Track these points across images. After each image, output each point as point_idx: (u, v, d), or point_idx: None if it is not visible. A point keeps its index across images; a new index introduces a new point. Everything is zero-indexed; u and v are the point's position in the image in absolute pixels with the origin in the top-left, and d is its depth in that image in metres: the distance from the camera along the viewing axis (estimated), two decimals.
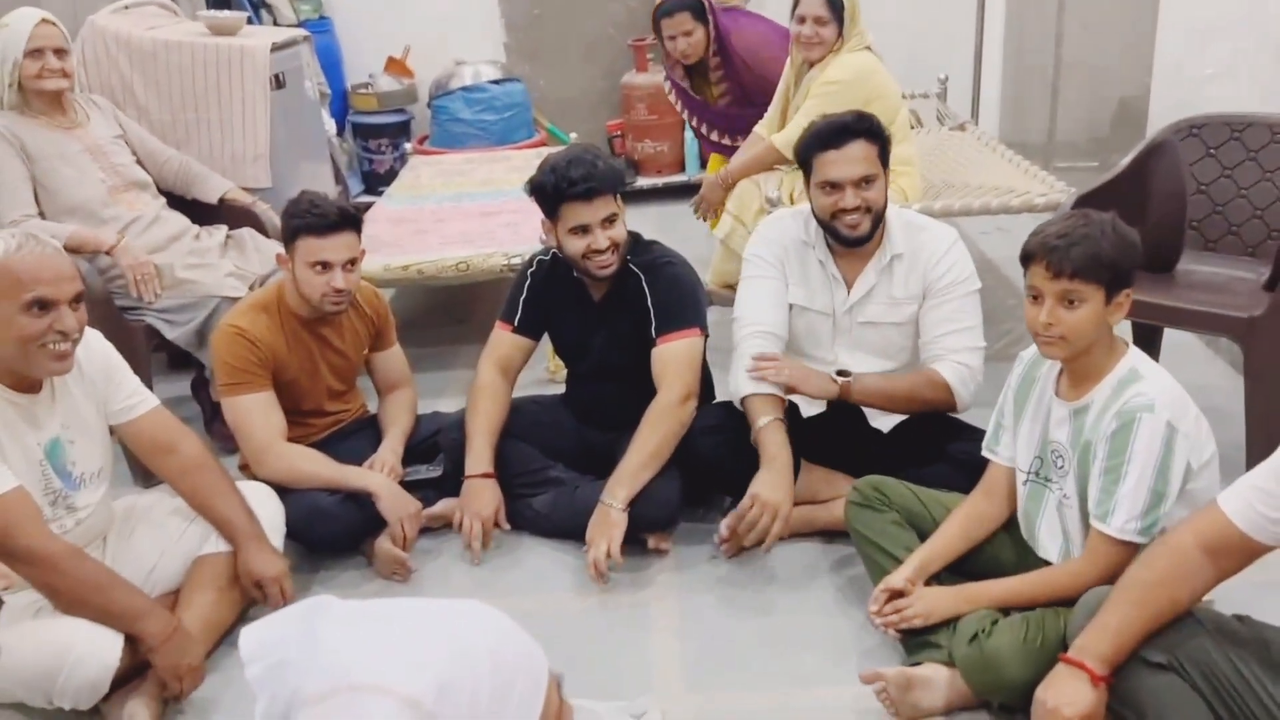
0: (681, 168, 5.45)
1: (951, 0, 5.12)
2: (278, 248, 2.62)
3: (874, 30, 3.31)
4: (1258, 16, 2.95)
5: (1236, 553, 1.56)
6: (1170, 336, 2.95)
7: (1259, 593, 1.83)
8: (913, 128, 4.08)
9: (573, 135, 4.96)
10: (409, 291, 4.04)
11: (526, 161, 4.29)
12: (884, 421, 2.47)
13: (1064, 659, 1.62)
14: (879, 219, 2.34)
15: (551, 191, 2.39)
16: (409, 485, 2.55)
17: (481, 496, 2.43)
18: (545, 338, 2.70)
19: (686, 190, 5.34)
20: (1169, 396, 1.78)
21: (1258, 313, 2.38)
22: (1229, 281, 2.69)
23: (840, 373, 2.37)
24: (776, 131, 3.39)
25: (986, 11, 5.03)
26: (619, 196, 2.44)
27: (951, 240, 2.39)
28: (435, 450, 2.66)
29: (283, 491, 2.37)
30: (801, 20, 3.22)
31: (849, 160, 2.28)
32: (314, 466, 2.44)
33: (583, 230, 2.39)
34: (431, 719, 0.94)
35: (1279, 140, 2.69)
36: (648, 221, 4.82)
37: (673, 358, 2.43)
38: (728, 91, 3.75)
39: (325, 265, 2.40)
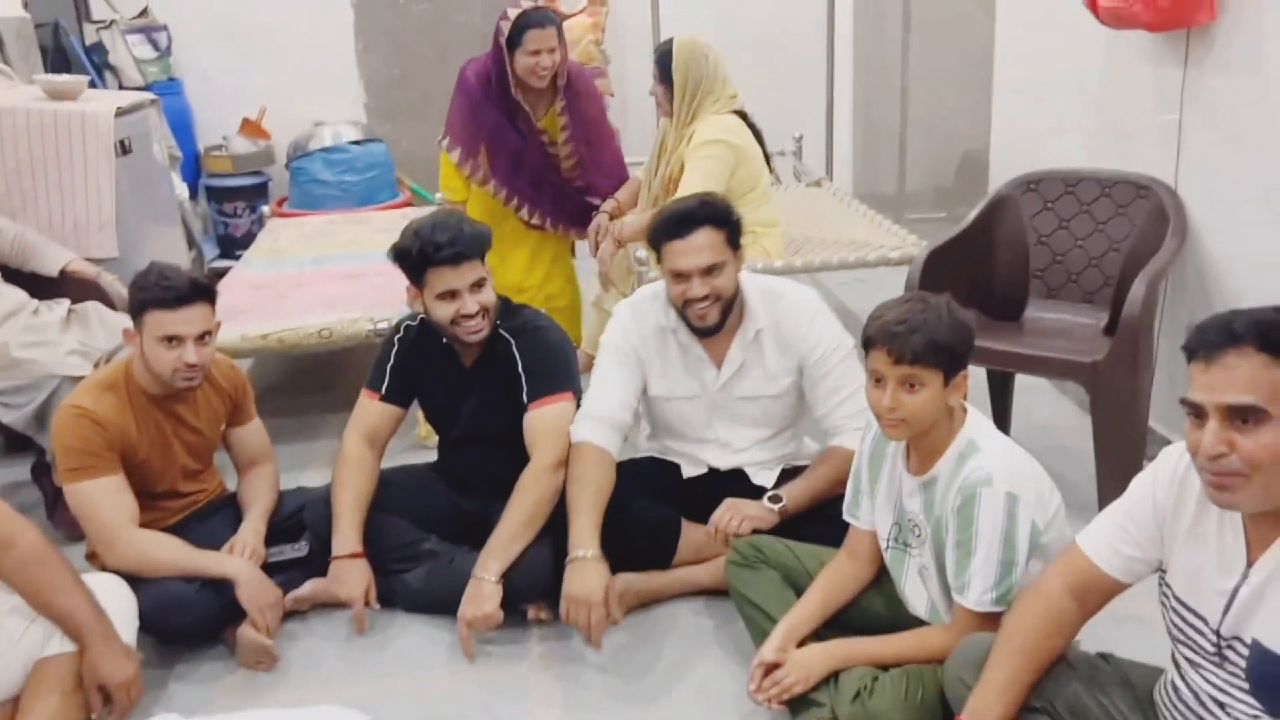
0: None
1: (803, 60, 5.33)
2: (125, 321, 2.49)
3: None
4: (1079, 78, 3.16)
5: (1100, 592, 1.62)
6: (1022, 379, 3.09)
7: (1118, 627, 1.91)
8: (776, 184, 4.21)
9: (438, 196, 4.91)
10: (270, 358, 3.90)
11: (391, 222, 4.22)
12: (765, 478, 2.49)
13: None
14: (729, 306, 2.34)
15: (417, 257, 2.35)
16: (274, 566, 2.44)
17: (350, 578, 2.33)
18: (415, 404, 2.64)
19: None
20: (1006, 465, 1.83)
21: (1099, 356, 2.51)
22: (1072, 327, 2.84)
23: (772, 498, 2.35)
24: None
25: (836, 71, 5.25)
26: (486, 260, 2.42)
27: (813, 310, 2.40)
28: (300, 528, 2.55)
29: (134, 580, 2.22)
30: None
31: (694, 249, 2.28)
32: (168, 553, 2.30)
33: (450, 295, 2.36)
34: None
35: (1108, 194, 2.87)
36: None
37: (545, 424, 2.40)
38: (577, 166, 3.46)
39: (176, 339, 2.29)
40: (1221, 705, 1.46)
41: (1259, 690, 1.39)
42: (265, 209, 4.88)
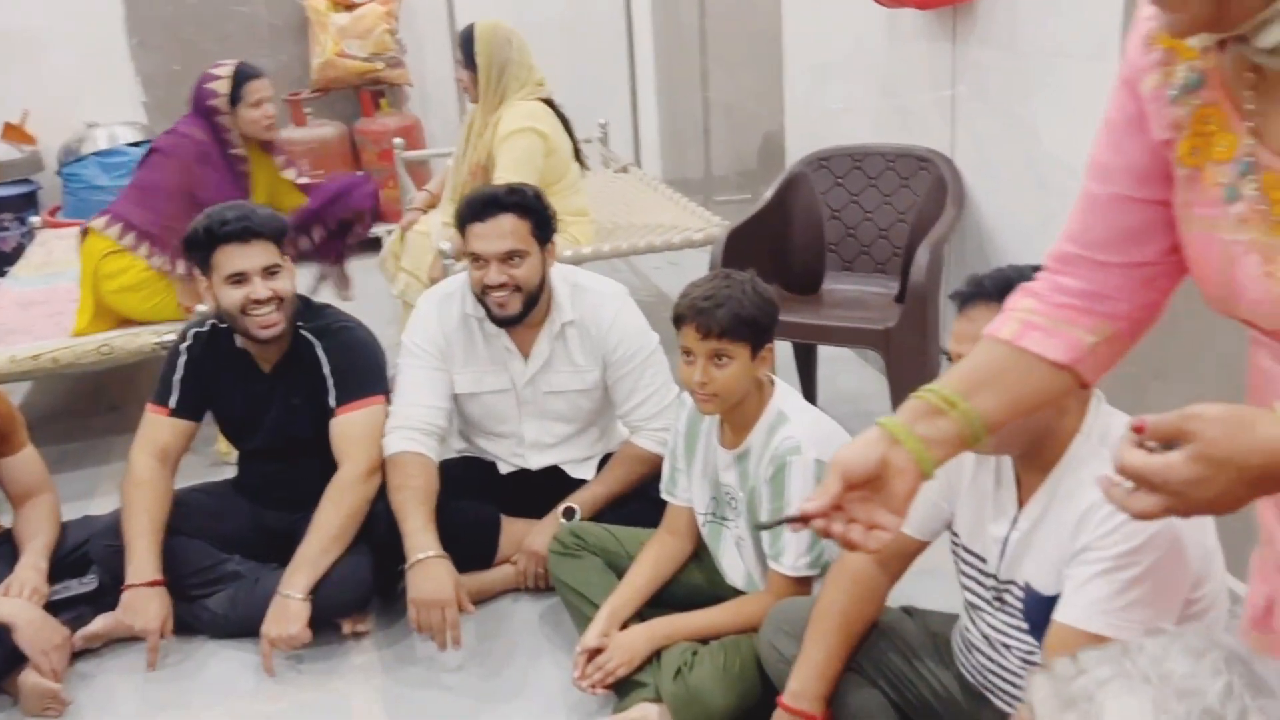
0: None
1: (605, 47, 5.34)
2: None
3: None
4: (863, 57, 3.28)
5: (902, 555, 1.69)
6: (825, 349, 3.20)
7: (919, 580, 1.99)
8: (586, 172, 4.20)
9: None
10: (47, 381, 3.61)
11: None
12: (583, 470, 2.47)
13: (783, 706, 1.66)
14: (532, 299, 2.30)
15: (204, 236, 2.23)
16: (59, 604, 2.26)
17: (146, 608, 2.17)
18: (209, 417, 2.49)
19: (365, 245, 5.19)
20: (814, 434, 1.90)
21: (891, 324, 2.63)
22: (866, 297, 2.96)
23: (566, 513, 2.33)
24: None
25: (637, 57, 5.29)
26: (286, 254, 2.30)
27: (618, 306, 2.39)
28: (87, 561, 2.36)
29: None
30: None
31: (496, 234, 2.24)
32: None
33: (239, 279, 2.23)
34: None
35: (892, 167, 3.00)
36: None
37: (354, 429, 2.31)
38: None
39: None
40: (1007, 646, 1.55)
41: (1035, 630, 1.47)
42: (35, 220, 4.50)
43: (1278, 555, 0.96)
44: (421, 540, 2.14)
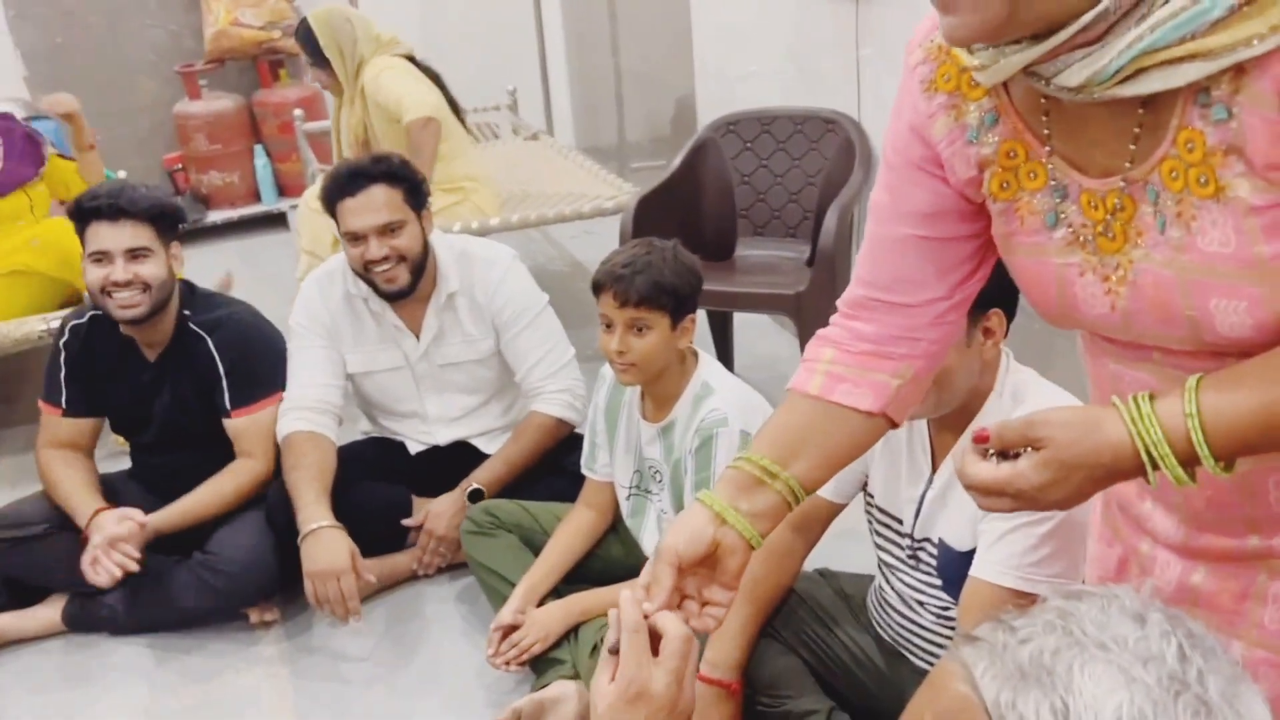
0: (256, 197, 5.12)
1: (511, 14, 5.23)
2: None
3: (435, 47, 3.28)
4: (769, 22, 3.26)
5: (819, 519, 1.68)
6: (740, 316, 3.19)
7: (836, 542, 2.00)
8: (479, 140, 4.12)
9: (120, 173, 4.46)
10: None
11: None
12: (494, 444, 2.42)
13: (701, 678, 1.64)
14: (418, 268, 2.25)
15: (77, 212, 2.16)
16: None
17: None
18: None
19: (267, 221, 5.04)
20: (740, 404, 1.88)
21: (802, 288, 2.62)
22: (778, 262, 2.95)
23: (472, 495, 2.25)
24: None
25: (545, 23, 5.19)
26: (168, 239, 2.21)
27: (505, 266, 2.34)
28: None
29: None
30: None
31: (369, 208, 2.18)
32: None
33: (101, 258, 2.14)
34: None
35: (801, 131, 2.99)
36: (229, 258, 4.48)
37: (256, 428, 2.26)
38: None
39: None
40: (920, 603, 1.56)
41: (949, 585, 1.48)
42: None
43: (1134, 518, 0.98)
44: (314, 512, 2.08)
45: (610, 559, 2.09)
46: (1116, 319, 0.85)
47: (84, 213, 2.13)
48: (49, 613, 2.25)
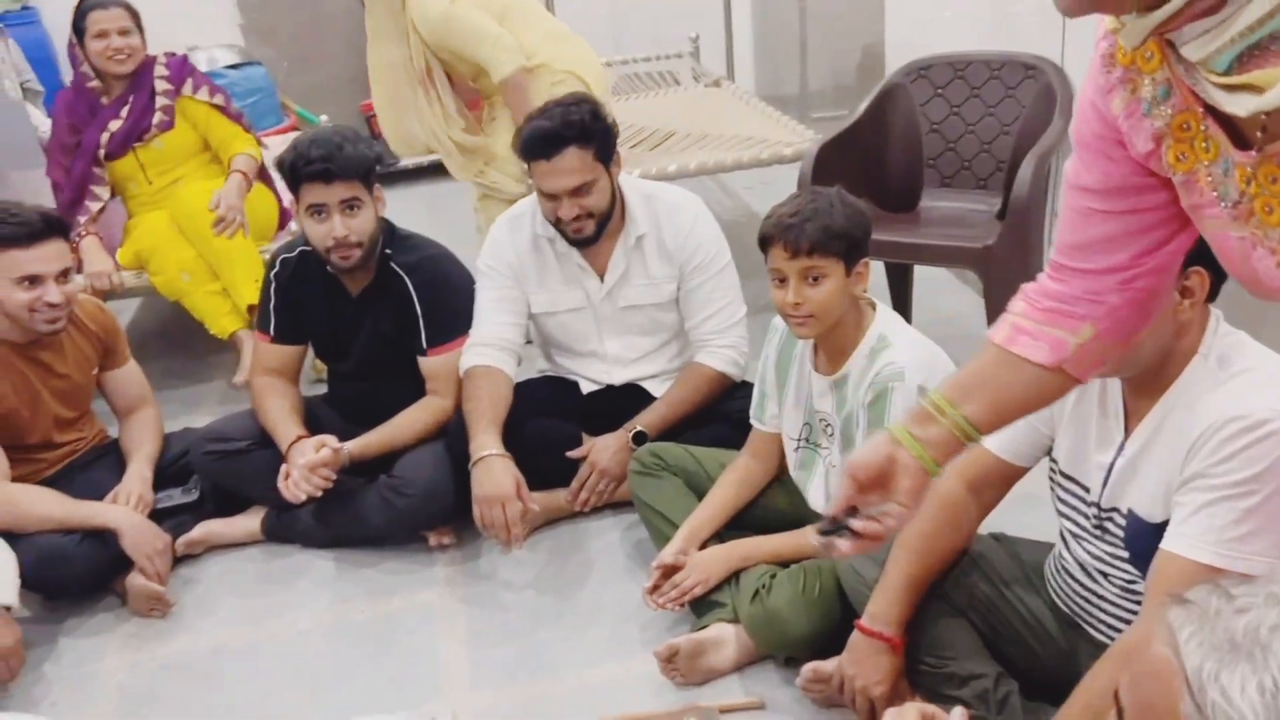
0: None
1: None
2: None
3: None
4: None
5: (998, 481, 1.61)
6: (922, 270, 3.08)
7: (1012, 506, 1.92)
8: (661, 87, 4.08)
9: (323, 118, 4.71)
10: (152, 300, 3.72)
11: (276, 149, 4.02)
12: (664, 388, 2.43)
13: (860, 629, 1.63)
14: (605, 218, 2.28)
15: (289, 170, 2.26)
16: (162, 512, 2.35)
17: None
18: None
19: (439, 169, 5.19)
20: (917, 359, 1.81)
21: (991, 242, 2.51)
22: (966, 214, 2.83)
23: (636, 436, 2.29)
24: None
25: None
26: (370, 184, 2.30)
27: (694, 212, 2.35)
28: (189, 472, 2.45)
29: (13, 537, 2.12)
30: None
31: (561, 172, 2.20)
32: (42, 507, 2.19)
33: (318, 211, 2.25)
34: None
35: (997, 76, 2.83)
36: (415, 201, 4.66)
37: (447, 369, 2.36)
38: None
39: (35, 279, 2.16)
40: (1104, 575, 1.48)
41: (1137, 558, 1.40)
42: None
43: None
44: (484, 441, 2.16)
45: (774, 509, 2.08)
46: None
47: (297, 175, 2.24)
48: (250, 522, 2.44)
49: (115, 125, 3.10)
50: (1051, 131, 2.57)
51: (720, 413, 2.33)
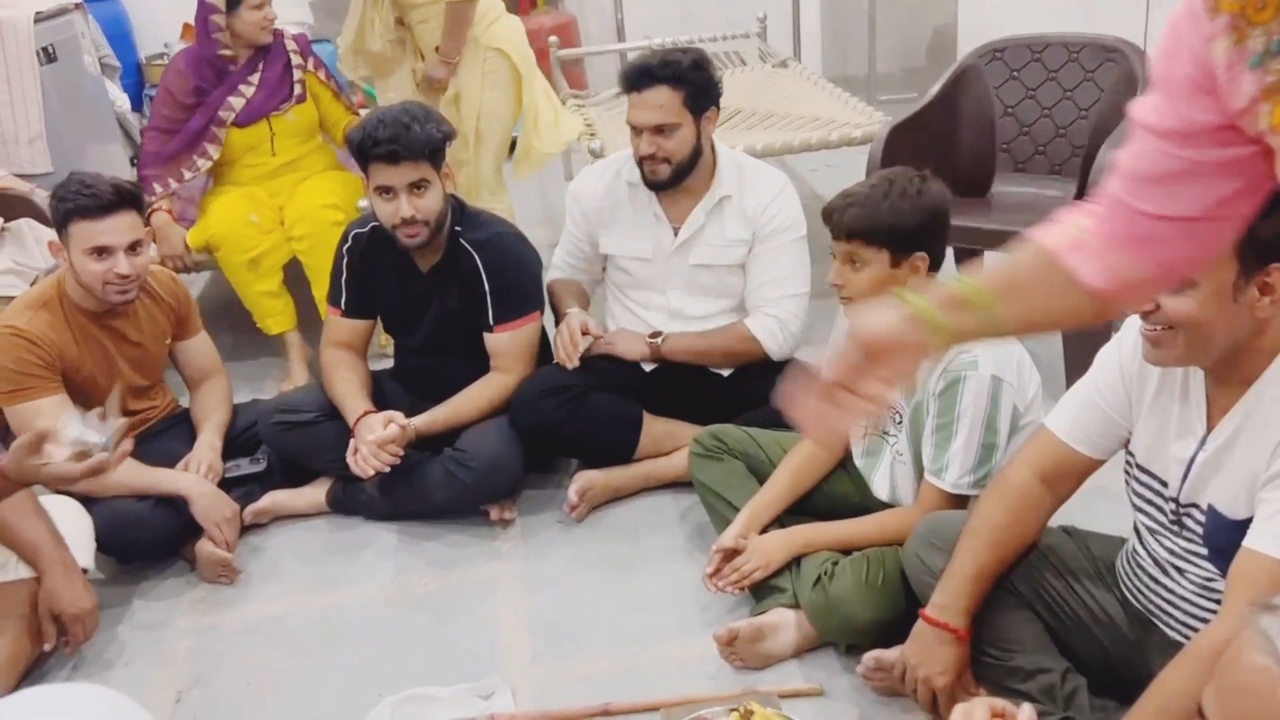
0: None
1: None
2: None
3: None
4: None
5: (1072, 474, 1.58)
6: (992, 258, 3.02)
7: (1083, 499, 1.88)
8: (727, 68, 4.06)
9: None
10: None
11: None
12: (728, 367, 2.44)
13: (925, 618, 1.61)
14: (682, 169, 2.32)
15: (357, 150, 2.28)
16: (231, 481, 2.40)
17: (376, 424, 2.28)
18: None
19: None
20: (993, 349, 1.78)
21: None
22: (1039, 200, 2.76)
23: (654, 334, 2.36)
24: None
25: None
26: (438, 163, 2.30)
27: (781, 185, 2.39)
28: (257, 442, 2.50)
29: (89, 501, 2.18)
30: None
31: (648, 106, 2.27)
32: (118, 473, 2.24)
33: (386, 192, 2.26)
34: None
35: (1075, 59, 2.76)
36: None
37: (513, 347, 2.39)
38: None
39: (105, 251, 2.20)
40: (1180, 570, 1.44)
41: (1216, 555, 1.36)
42: None
43: None
44: (568, 302, 2.50)
45: (838, 495, 2.05)
46: None
47: (365, 156, 2.25)
48: (316, 493, 2.48)
49: (248, 91, 3.10)
50: None
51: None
